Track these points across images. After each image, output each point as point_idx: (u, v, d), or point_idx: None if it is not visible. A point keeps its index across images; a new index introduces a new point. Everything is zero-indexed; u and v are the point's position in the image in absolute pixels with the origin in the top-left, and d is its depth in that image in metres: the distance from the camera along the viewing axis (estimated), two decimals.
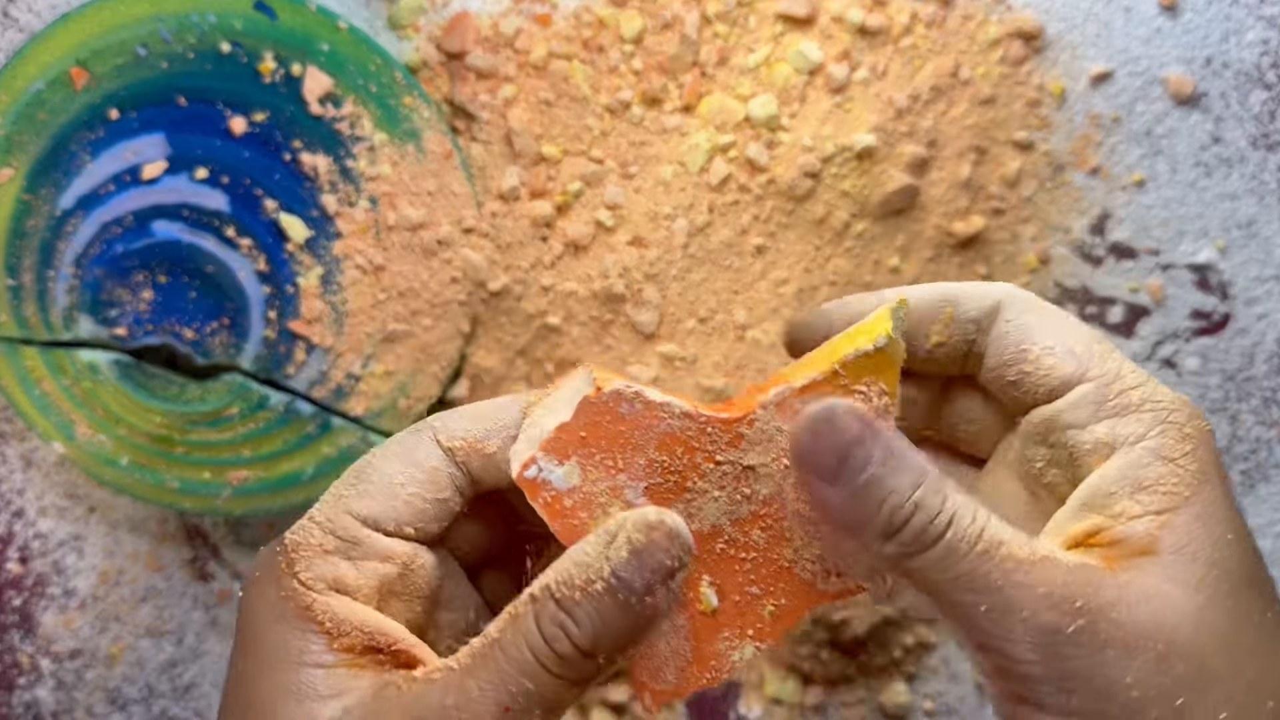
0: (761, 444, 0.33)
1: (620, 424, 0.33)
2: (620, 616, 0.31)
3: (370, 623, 0.33)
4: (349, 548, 0.33)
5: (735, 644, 0.33)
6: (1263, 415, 0.57)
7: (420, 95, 0.55)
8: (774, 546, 0.33)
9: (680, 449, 0.33)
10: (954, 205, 0.56)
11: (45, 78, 0.53)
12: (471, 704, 0.31)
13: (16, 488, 0.59)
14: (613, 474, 0.33)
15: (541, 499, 0.33)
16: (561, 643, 0.31)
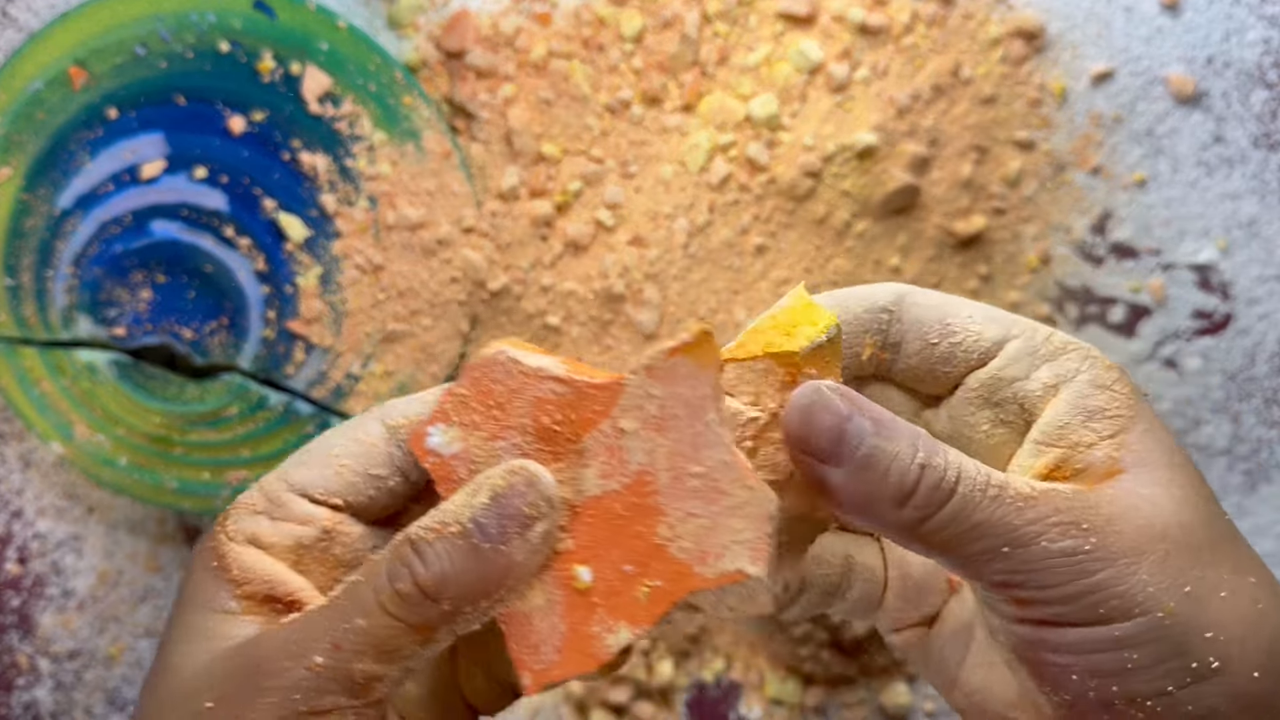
0: (633, 410, 0.32)
1: (497, 389, 0.33)
2: (471, 561, 0.31)
3: (273, 574, 0.33)
4: (272, 508, 0.34)
5: (610, 627, 0.32)
6: (1264, 415, 0.57)
7: (420, 94, 0.55)
8: (647, 521, 0.32)
9: (556, 414, 0.32)
10: (955, 205, 0.56)
11: (44, 77, 0.53)
12: (307, 639, 0.31)
13: (15, 488, 0.58)
14: (492, 439, 0.33)
15: (430, 463, 0.33)
16: (404, 581, 0.31)
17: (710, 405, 0.31)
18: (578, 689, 0.57)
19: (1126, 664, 0.31)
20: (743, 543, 0.31)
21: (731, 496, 0.31)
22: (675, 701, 0.59)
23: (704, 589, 0.31)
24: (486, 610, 0.32)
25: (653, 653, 0.58)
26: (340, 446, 0.34)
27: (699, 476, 0.31)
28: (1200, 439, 0.57)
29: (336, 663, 0.31)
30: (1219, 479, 0.57)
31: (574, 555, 0.32)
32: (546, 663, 0.32)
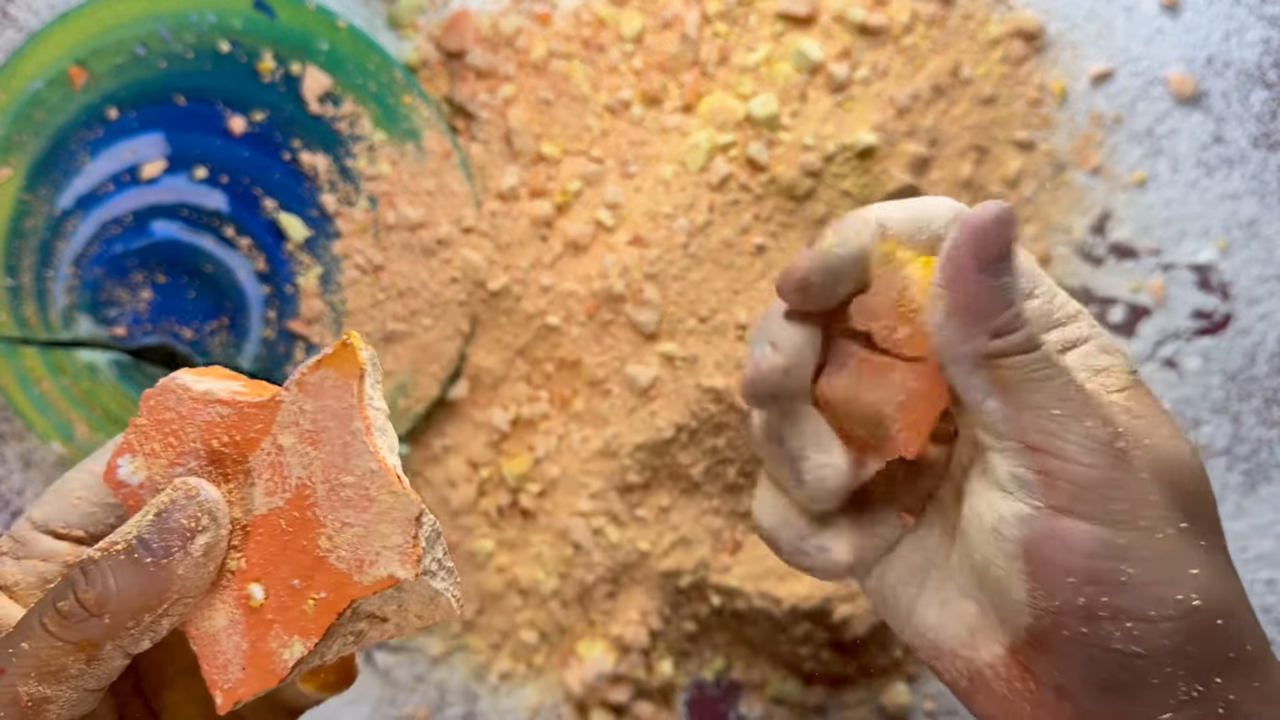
0: (290, 426, 0.32)
1: (171, 416, 0.33)
2: (134, 576, 0.32)
3: (4, 615, 0.34)
4: (17, 548, 0.35)
5: (285, 641, 0.32)
6: (1264, 415, 0.57)
7: (419, 94, 0.55)
8: (309, 534, 0.32)
9: (223, 436, 0.33)
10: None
11: (44, 77, 0.53)
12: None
13: (16, 488, 0.58)
14: (171, 466, 0.33)
15: (121, 495, 0.34)
16: (66, 600, 0.31)
17: (355, 414, 0.32)
18: (577, 689, 0.58)
19: (1121, 575, 0.32)
20: (392, 548, 0.31)
21: (379, 503, 0.31)
22: (675, 701, 0.59)
23: (363, 596, 0.31)
24: (153, 625, 0.32)
25: (653, 653, 0.58)
26: (76, 481, 0.35)
27: (351, 486, 0.32)
28: (1200, 439, 0.57)
29: (2, 688, 0.31)
30: (1219, 479, 0.57)
31: (248, 574, 0.33)
32: (234, 680, 0.32)
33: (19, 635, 0.32)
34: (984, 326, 0.34)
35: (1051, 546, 0.33)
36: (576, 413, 0.57)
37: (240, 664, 0.33)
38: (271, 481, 0.33)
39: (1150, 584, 0.32)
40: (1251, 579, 0.57)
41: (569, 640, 0.58)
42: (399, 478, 0.31)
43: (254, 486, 0.33)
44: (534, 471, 0.57)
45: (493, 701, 0.59)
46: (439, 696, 0.59)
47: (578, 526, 0.56)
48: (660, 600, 0.57)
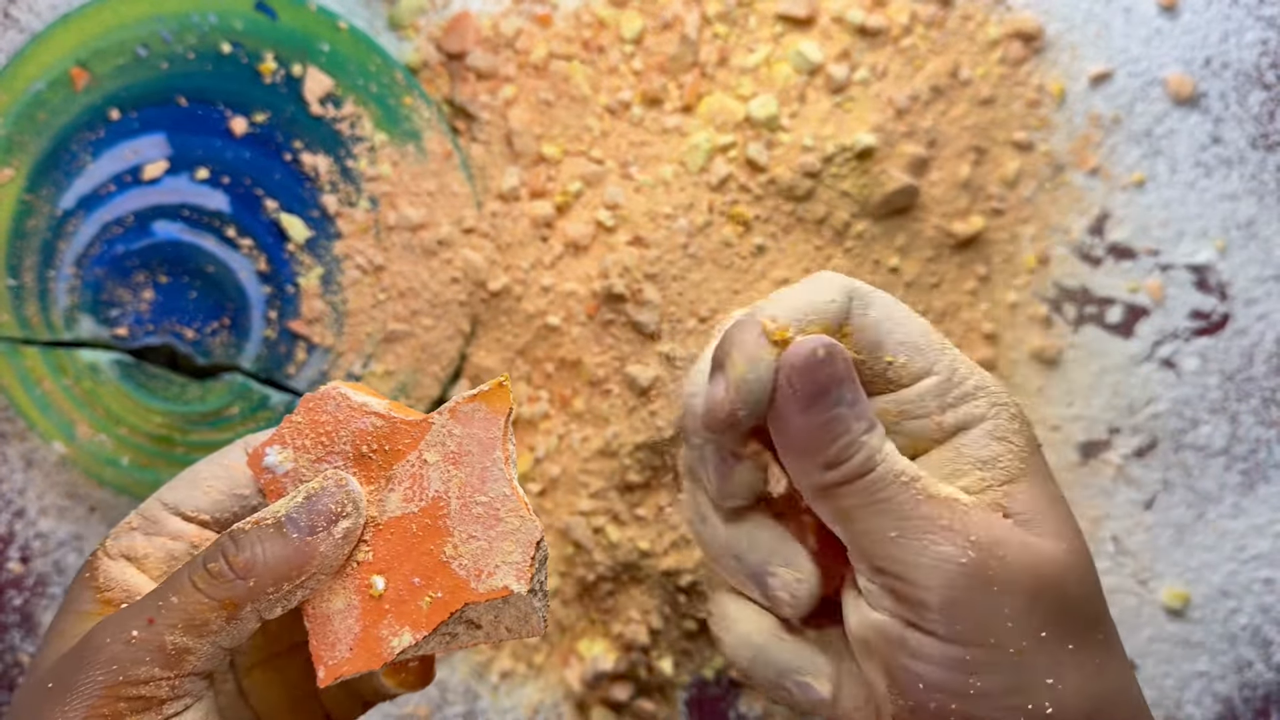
0: (436, 445, 0.37)
1: (326, 419, 0.38)
2: (280, 547, 0.35)
3: (133, 585, 0.37)
4: (148, 525, 0.38)
5: (396, 630, 0.36)
6: (1262, 415, 0.57)
7: (420, 95, 0.55)
8: (436, 541, 0.36)
9: (373, 444, 0.37)
10: (954, 205, 0.56)
11: (46, 78, 0.53)
12: (127, 618, 0.35)
13: (17, 487, 0.59)
14: (318, 461, 0.37)
15: (263, 480, 0.38)
16: (216, 561, 0.35)
17: (499, 445, 0.36)
18: (578, 687, 0.58)
19: (970, 688, 0.33)
20: (511, 564, 0.35)
21: (506, 524, 0.36)
22: (675, 699, 0.59)
23: (476, 602, 0.35)
24: (289, 595, 0.36)
25: (653, 651, 0.58)
26: (207, 471, 0.39)
27: (483, 505, 0.36)
28: (1198, 439, 0.58)
29: (151, 635, 0.34)
30: (1217, 479, 0.58)
31: (373, 566, 0.37)
32: (340, 658, 0.36)
33: (168, 590, 0.35)
34: (815, 461, 0.35)
35: (903, 655, 0.34)
36: (576, 412, 0.57)
37: (349, 644, 0.36)
38: (410, 489, 0.37)
39: (999, 694, 0.33)
40: (1250, 579, 0.58)
41: (569, 639, 0.59)
42: (526, 505, 0.36)
43: (392, 491, 0.37)
44: (534, 471, 0.57)
45: (493, 700, 0.59)
46: (439, 695, 0.59)
47: (578, 526, 0.57)
48: (660, 599, 0.57)
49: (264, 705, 0.40)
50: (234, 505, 0.38)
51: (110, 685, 0.34)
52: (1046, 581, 0.34)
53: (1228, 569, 0.58)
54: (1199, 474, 0.58)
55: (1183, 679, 0.58)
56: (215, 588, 0.35)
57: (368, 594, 0.36)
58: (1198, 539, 0.58)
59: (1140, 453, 0.58)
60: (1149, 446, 0.58)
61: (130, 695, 0.34)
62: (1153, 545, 0.58)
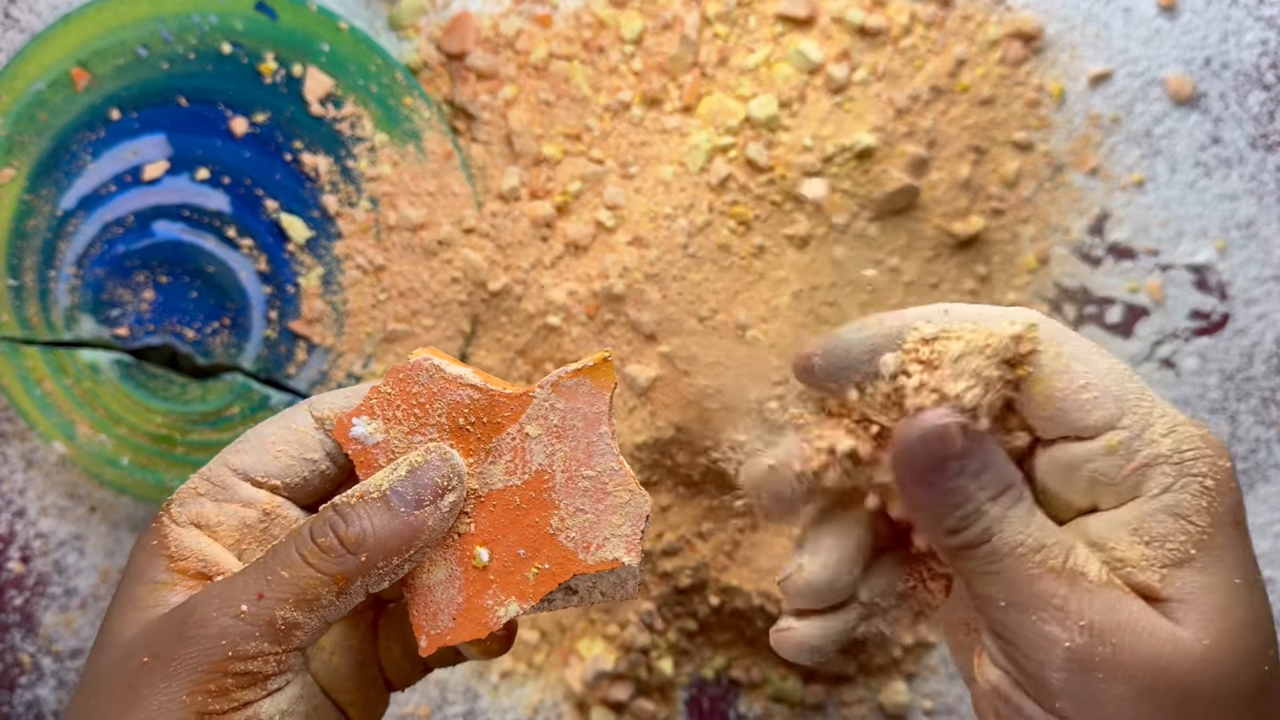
0: (538, 418, 0.37)
1: (419, 390, 0.37)
2: (388, 521, 0.35)
3: (207, 553, 0.36)
4: (217, 491, 0.37)
5: (501, 600, 0.37)
6: (1261, 415, 0.57)
7: (421, 96, 0.55)
8: (542, 514, 0.36)
9: (470, 416, 0.37)
10: (954, 205, 0.56)
11: (46, 78, 0.53)
12: (233, 592, 0.34)
13: (18, 487, 0.59)
14: (411, 434, 0.37)
15: (352, 450, 0.37)
16: (326, 536, 0.35)
17: (604, 420, 0.37)
18: (578, 687, 0.58)
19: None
20: (621, 536, 0.36)
21: (615, 497, 0.36)
22: (675, 699, 0.59)
23: (585, 573, 0.36)
24: (397, 569, 0.36)
25: (653, 651, 0.58)
26: (275, 434, 0.38)
27: (589, 479, 0.36)
28: None
29: (260, 610, 0.34)
30: None
31: (475, 538, 0.37)
32: (442, 628, 0.37)
33: (275, 563, 0.35)
34: (937, 527, 0.34)
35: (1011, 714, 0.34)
36: None
37: (451, 614, 0.37)
38: (512, 463, 0.37)
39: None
40: None
41: (569, 639, 0.59)
42: (634, 478, 0.36)
43: (494, 464, 0.37)
44: None
45: (493, 700, 0.59)
46: (440, 695, 0.59)
47: None
48: (660, 599, 0.57)
49: (325, 670, 0.39)
50: (304, 470, 0.38)
51: (218, 660, 0.34)
52: (1168, 676, 0.32)
53: None
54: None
55: None
56: (326, 562, 0.35)
57: (470, 565, 0.37)
58: None
59: None
60: None
61: (238, 670, 0.34)
62: None
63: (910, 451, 0.34)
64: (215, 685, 0.33)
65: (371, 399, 0.37)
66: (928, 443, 0.33)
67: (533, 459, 0.37)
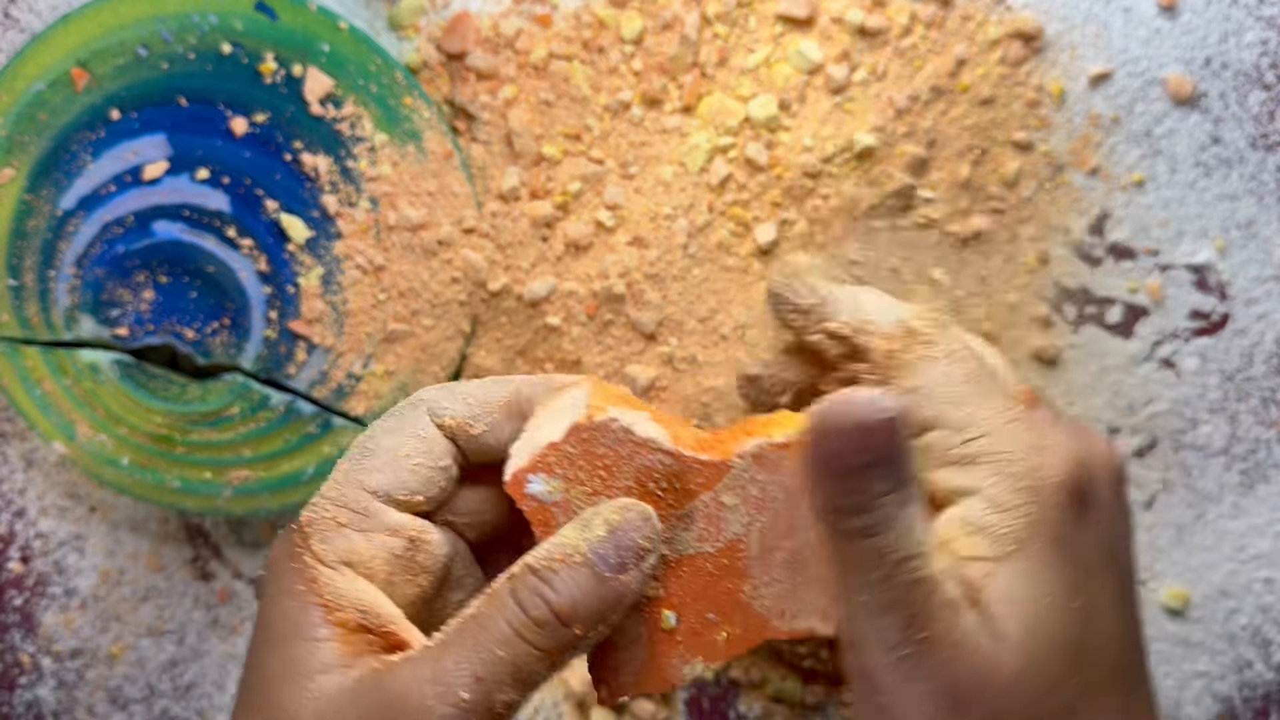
0: (736, 489, 0.36)
1: (606, 452, 0.36)
2: (595, 588, 0.33)
3: (366, 601, 0.34)
4: (360, 519, 0.34)
5: (688, 660, 0.37)
6: (1262, 415, 0.57)
7: (420, 96, 0.55)
8: (735, 581, 0.36)
9: (661, 482, 0.36)
10: (954, 205, 0.56)
11: (46, 78, 0.53)
12: (446, 675, 0.32)
13: (18, 487, 0.59)
14: (594, 495, 0.36)
15: (527, 507, 0.36)
16: (539, 609, 0.32)
17: (807, 497, 0.36)
18: (578, 687, 0.58)
19: None
20: (816, 609, 0.37)
21: (813, 570, 0.36)
22: (675, 699, 0.59)
23: (779, 639, 0.37)
24: (602, 634, 0.34)
25: None
26: (404, 445, 0.35)
27: (787, 551, 0.36)
28: (1197, 439, 0.58)
29: (480, 696, 0.32)
30: (1217, 479, 0.58)
31: (664, 601, 0.36)
32: (625, 683, 0.37)
33: (485, 638, 0.32)
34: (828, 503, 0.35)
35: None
36: None
37: (634, 670, 0.37)
38: (706, 530, 0.37)
39: None
40: (1250, 579, 0.58)
41: None
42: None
43: (687, 530, 0.37)
44: None
45: None
46: None
47: None
48: None
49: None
50: (441, 479, 0.36)
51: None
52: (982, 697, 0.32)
53: (1228, 569, 0.58)
54: (1199, 474, 0.58)
55: (1182, 679, 0.58)
56: (544, 638, 0.32)
57: (658, 626, 0.36)
58: (1197, 539, 0.58)
59: (1140, 453, 0.58)
60: (1149, 446, 0.58)
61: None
62: (1152, 545, 0.58)
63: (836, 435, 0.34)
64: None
65: (549, 456, 0.36)
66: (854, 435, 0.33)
67: (727, 528, 0.37)
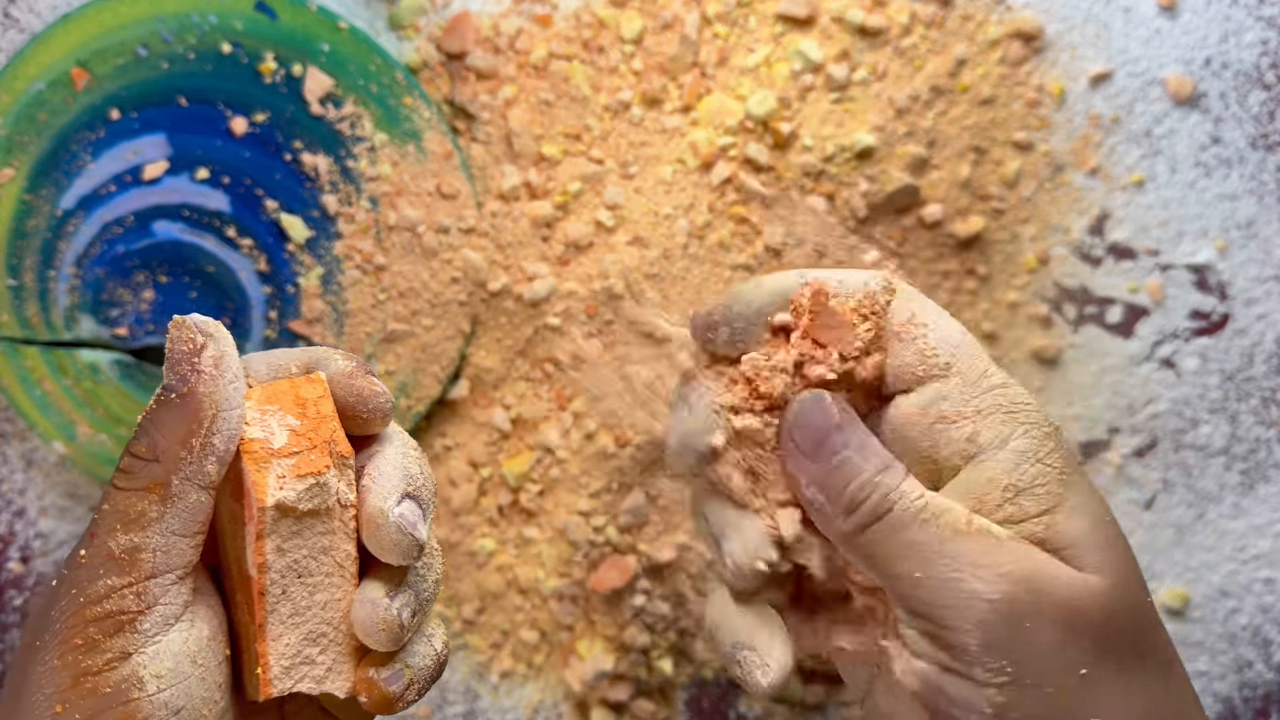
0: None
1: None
2: (167, 414, 0.33)
3: None
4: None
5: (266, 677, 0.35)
6: (1262, 415, 0.57)
7: (420, 95, 0.55)
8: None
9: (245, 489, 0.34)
10: (954, 205, 0.56)
11: (46, 78, 0.53)
12: (77, 544, 0.33)
13: (18, 487, 0.59)
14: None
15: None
16: (125, 458, 0.33)
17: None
18: (578, 688, 0.58)
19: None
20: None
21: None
22: (675, 699, 0.59)
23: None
24: (205, 450, 0.33)
25: (652, 651, 0.58)
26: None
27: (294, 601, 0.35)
28: (1198, 439, 0.58)
29: (96, 548, 0.32)
30: (1217, 479, 0.58)
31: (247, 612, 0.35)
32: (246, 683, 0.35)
33: (101, 500, 0.33)
34: (834, 510, 0.34)
35: (943, 702, 0.33)
36: (577, 413, 0.57)
37: (252, 672, 0.35)
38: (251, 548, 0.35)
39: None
40: (1250, 579, 0.58)
41: (569, 639, 0.59)
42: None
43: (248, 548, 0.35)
44: (534, 471, 0.57)
45: (493, 700, 0.59)
46: (440, 695, 0.59)
47: (578, 526, 0.57)
48: (660, 600, 0.57)
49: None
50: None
51: (74, 611, 0.32)
52: (1084, 616, 0.32)
53: (1228, 569, 0.58)
54: (1199, 474, 0.58)
55: None
56: (134, 479, 0.33)
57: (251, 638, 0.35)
58: (1198, 539, 0.58)
59: (1140, 453, 0.58)
60: (1149, 446, 0.58)
61: (96, 615, 0.32)
62: (1153, 545, 0.58)
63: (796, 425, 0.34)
64: (81, 638, 0.32)
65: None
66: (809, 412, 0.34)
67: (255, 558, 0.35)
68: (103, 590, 0.32)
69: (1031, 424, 0.34)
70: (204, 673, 0.33)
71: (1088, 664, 0.32)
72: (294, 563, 0.34)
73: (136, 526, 0.32)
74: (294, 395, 0.35)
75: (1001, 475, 0.34)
